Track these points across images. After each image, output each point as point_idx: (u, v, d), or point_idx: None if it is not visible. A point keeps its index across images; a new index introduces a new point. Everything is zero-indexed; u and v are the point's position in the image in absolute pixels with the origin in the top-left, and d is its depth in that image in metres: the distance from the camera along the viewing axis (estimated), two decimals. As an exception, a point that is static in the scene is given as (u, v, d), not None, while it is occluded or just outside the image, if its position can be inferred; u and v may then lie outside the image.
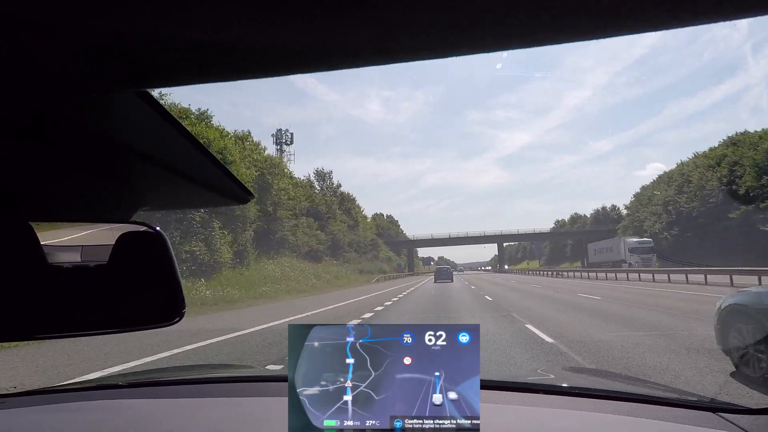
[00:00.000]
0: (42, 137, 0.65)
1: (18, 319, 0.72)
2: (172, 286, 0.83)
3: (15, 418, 1.29)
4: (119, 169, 0.81)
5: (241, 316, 14.33)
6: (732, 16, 0.45)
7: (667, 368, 5.60)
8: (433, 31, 0.47)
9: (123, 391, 1.57)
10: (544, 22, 0.46)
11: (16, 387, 5.40)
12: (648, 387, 1.79)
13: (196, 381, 1.76)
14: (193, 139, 0.70)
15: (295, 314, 14.20)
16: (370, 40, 0.49)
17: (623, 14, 0.45)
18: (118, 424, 1.26)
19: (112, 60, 0.51)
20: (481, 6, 0.43)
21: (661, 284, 25.18)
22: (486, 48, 0.50)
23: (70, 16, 0.43)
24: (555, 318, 11.09)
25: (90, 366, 6.59)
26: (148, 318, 0.83)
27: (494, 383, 1.38)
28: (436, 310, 14.66)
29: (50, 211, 0.79)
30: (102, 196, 0.86)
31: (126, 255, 0.80)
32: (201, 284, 21.18)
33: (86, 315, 0.77)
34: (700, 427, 1.10)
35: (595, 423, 1.16)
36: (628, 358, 6.21)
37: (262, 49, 0.50)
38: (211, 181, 0.87)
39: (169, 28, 0.46)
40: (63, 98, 0.57)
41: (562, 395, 1.33)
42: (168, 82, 0.58)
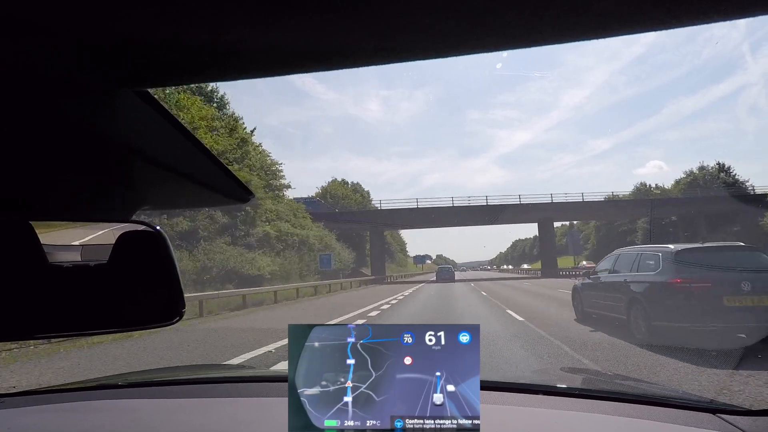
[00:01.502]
0: (42, 137, 0.65)
1: (18, 319, 0.72)
2: (172, 285, 0.83)
3: (15, 418, 1.29)
4: (119, 169, 0.81)
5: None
6: (731, 16, 0.45)
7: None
8: (433, 31, 0.47)
9: (123, 391, 1.57)
10: (544, 22, 0.46)
11: (16, 387, 5.40)
12: (647, 388, 1.79)
13: (196, 381, 1.76)
14: (193, 139, 0.70)
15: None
16: (370, 40, 0.49)
17: (623, 14, 0.45)
18: (118, 424, 1.26)
19: (112, 60, 0.51)
20: (481, 6, 0.43)
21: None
22: (486, 48, 0.50)
23: (70, 17, 0.43)
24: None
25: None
26: (148, 318, 0.83)
27: (494, 384, 1.38)
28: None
29: (50, 211, 0.79)
30: (102, 196, 0.86)
31: (126, 254, 0.80)
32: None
33: (86, 315, 0.77)
34: (699, 428, 1.10)
35: (595, 424, 1.16)
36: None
37: (262, 49, 0.50)
38: (211, 180, 0.87)
39: (169, 28, 0.46)
40: (63, 98, 0.57)
41: (562, 396, 1.33)
42: (168, 82, 0.59)
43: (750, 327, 6.35)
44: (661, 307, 6.85)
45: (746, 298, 6.31)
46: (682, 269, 6.85)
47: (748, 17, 0.46)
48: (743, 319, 6.30)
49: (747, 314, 6.27)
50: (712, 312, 6.36)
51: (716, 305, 6.35)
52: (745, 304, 6.30)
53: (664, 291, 6.87)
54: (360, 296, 21.99)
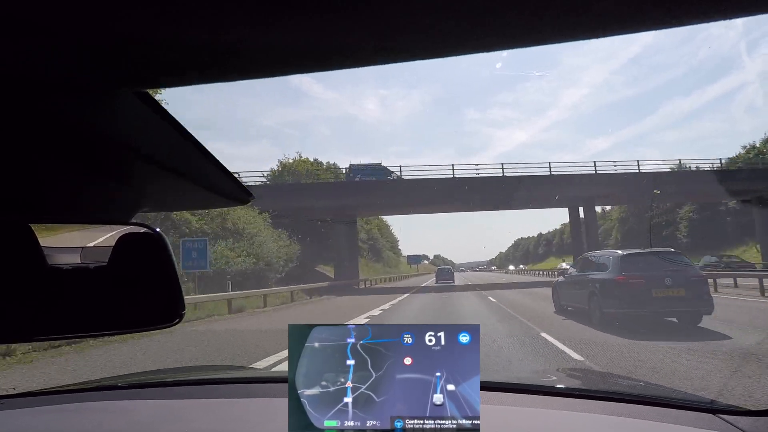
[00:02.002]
0: (42, 138, 0.65)
1: (18, 321, 0.72)
2: (172, 287, 0.83)
3: (14, 419, 1.29)
4: (119, 170, 0.81)
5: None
6: (731, 15, 0.45)
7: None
8: (433, 31, 0.47)
9: (122, 392, 1.57)
10: (544, 22, 0.46)
11: (16, 388, 5.39)
12: (648, 388, 1.79)
13: (196, 382, 1.76)
14: (193, 140, 0.70)
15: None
16: (370, 40, 0.49)
17: (623, 14, 0.45)
18: (117, 425, 1.26)
19: (112, 60, 0.51)
20: (481, 6, 0.43)
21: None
22: (486, 48, 0.50)
23: (70, 17, 0.43)
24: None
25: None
26: (148, 319, 0.83)
27: (494, 384, 1.37)
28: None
29: (50, 212, 0.79)
30: (102, 198, 0.86)
31: (126, 256, 0.80)
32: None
33: (86, 316, 0.77)
34: (699, 429, 1.10)
35: (595, 424, 1.16)
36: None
37: (262, 49, 0.50)
38: (210, 182, 0.87)
39: (169, 28, 0.46)
40: (63, 98, 0.57)
41: (562, 396, 1.33)
42: (168, 82, 0.58)
43: (679, 312, 8.91)
44: (610, 298, 9.25)
45: (668, 290, 8.78)
46: (625, 268, 9.25)
47: (748, 16, 0.46)
48: (666, 306, 8.83)
49: (668, 302, 8.78)
50: (644, 301, 8.76)
51: (647, 296, 8.74)
52: (667, 295, 8.74)
53: (611, 285, 9.26)
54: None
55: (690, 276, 9.04)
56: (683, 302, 8.73)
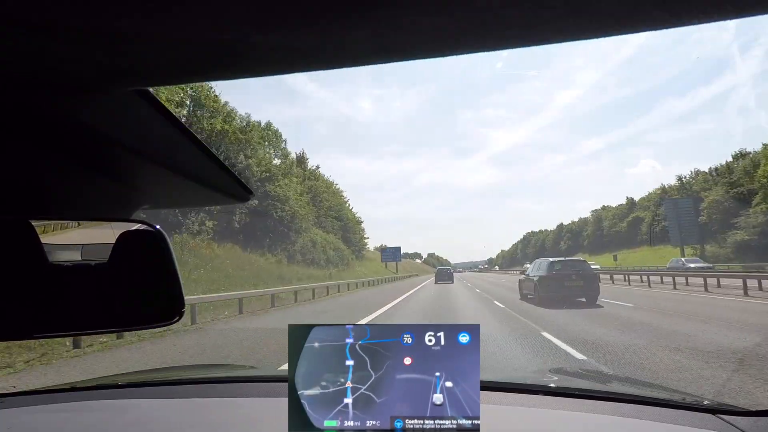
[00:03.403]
0: (42, 137, 0.65)
1: (19, 318, 0.72)
2: (173, 284, 0.83)
3: (14, 417, 1.29)
4: (119, 168, 0.81)
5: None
6: (731, 16, 0.45)
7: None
8: (433, 31, 0.47)
9: (122, 391, 1.57)
10: (544, 22, 0.46)
11: (16, 387, 5.40)
12: (648, 388, 1.79)
13: (196, 381, 1.76)
14: (193, 138, 0.70)
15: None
16: (370, 40, 0.49)
17: (623, 14, 0.45)
18: (118, 424, 1.26)
19: (112, 60, 0.51)
20: (481, 6, 0.43)
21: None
22: (486, 48, 0.50)
23: (70, 16, 0.43)
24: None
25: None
26: (149, 317, 0.83)
27: (494, 384, 1.37)
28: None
29: (50, 210, 0.79)
30: (102, 195, 0.86)
31: (126, 254, 0.80)
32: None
33: (87, 314, 0.77)
34: (699, 429, 1.10)
35: (595, 424, 1.16)
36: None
37: (262, 48, 0.50)
38: (211, 179, 0.87)
39: (169, 28, 0.46)
40: (63, 98, 0.57)
41: (562, 396, 1.33)
42: (168, 81, 0.59)
43: (580, 294, 15.48)
44: (543, 287, 15.80)
45: (573, 282, 15.55)
46: (551, 268, 16.23)
47: (747, 17, 0.46)
48: (572, 292, 15.43)
49: (573, 290, 15.46)
50: (561, 288, 15.44)
51: (562, 285, 15.49)
52: (572, 285, 15.51)
53: (545, 279, 15.96)
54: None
55: (587, 274, 15.86)
56: (582, 290, 15.49)
